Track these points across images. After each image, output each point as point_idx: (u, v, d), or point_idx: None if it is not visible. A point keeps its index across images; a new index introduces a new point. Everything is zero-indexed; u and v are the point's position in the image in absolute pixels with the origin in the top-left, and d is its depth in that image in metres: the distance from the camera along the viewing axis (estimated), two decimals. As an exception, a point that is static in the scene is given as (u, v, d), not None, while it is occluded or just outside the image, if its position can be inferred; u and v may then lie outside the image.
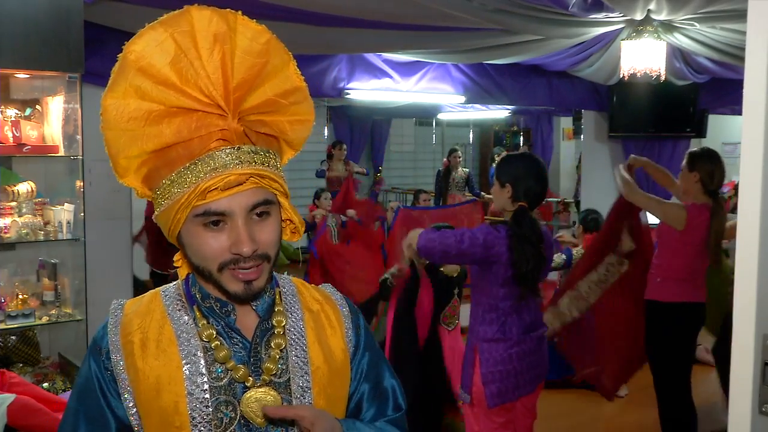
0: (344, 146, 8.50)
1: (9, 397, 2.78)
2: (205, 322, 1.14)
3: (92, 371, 1.13)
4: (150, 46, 1.01)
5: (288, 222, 1.18)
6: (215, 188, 1.04)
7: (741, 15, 3.75)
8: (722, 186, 3.65)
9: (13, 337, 3.62)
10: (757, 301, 1.47)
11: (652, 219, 3.82)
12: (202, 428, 1.10)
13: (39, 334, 3.75)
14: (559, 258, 4.44)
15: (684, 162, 3.61)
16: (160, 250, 5.51)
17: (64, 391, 3.39)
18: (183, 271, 1.21)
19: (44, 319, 3.60)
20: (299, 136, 1.15)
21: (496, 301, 2.77)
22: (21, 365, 3.61)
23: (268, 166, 1.09)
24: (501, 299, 2.76)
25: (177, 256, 1.21)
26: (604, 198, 7.26)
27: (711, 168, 3.51)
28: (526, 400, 2.90)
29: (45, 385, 3.47)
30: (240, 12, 1.06)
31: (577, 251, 5.02)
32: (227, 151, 1.04)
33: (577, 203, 7.65)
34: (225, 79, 1.03)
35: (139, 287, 4.86)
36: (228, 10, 1.05)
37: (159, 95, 1.01)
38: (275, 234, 1.11)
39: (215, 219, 1.06)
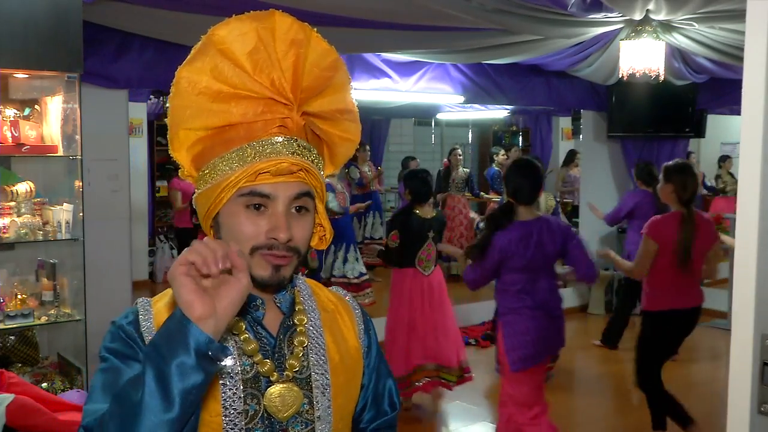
0: (368, 147, 8.67)
1: (8, 397, 2.77)
2: None
3: (116, 350, 1.08)
4: (233, 34, 1.07)
5: (319, 227, 1.22)
6: (266, 171, 1.08)
7: (740, 15, 3.75)
8: (696, 195, 3.98)
9: (12, 337, 3.62)
10: (755, 301, 1.48)
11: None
12: (233, 418, 1.11)
13: (38, 334, 3.75)
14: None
15: (660, 174, 3.98)
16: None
17: (63, 391, 3.38)
18: None
19: (43, 319, 3.60)
20: (344, 152, 1.22)
21: (506, 286, 3.42)
22: (20, 365, 3.61)
23: (316, 166, 1.15)
24: (512, 283, 3.39)
25: None
26: (602, 197, 7.28)
27: (683, 179, 3.84)
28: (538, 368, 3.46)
29: (44, 385, 3.47)
30: (315, 30, 1.13)
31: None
32: (285, 139, 1.10)
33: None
34: (295, 78, 1.09)
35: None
36: (306, 23, 1.12)
37: (233, 78, 1.07)
38: (308, 231, 1.15)
39: (258, 202, 1.09)
